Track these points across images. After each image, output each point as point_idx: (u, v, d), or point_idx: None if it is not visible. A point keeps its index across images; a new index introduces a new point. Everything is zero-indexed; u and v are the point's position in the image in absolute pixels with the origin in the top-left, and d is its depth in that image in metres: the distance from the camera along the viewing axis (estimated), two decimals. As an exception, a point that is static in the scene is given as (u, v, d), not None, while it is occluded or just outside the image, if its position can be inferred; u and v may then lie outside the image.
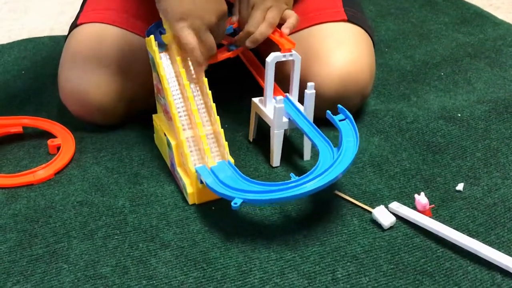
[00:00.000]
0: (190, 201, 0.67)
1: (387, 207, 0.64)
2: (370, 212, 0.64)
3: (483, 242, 0.57)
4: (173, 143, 0.68)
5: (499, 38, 1.09)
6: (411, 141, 0.77)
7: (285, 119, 0.70)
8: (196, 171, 0.63)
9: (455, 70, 0.97)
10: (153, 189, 0.70)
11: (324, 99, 0.75)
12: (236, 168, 0.64)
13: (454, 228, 0.59)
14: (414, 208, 0.63)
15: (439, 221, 0.60)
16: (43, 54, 1.10)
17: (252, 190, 0.59)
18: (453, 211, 0.63)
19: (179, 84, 0.67)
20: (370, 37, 0.82)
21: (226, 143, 0.66)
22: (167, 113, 0.68)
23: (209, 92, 0.67)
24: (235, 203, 0.57)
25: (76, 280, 0.57)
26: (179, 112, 0.66)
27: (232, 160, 0.66)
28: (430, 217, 0.61)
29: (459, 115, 0.81)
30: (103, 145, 0.79)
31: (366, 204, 0.65)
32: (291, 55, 0.69)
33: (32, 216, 0.66)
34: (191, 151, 0.65)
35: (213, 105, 0.67)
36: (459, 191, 0.66)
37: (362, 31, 0.80)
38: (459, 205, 0.64)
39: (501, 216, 0.62)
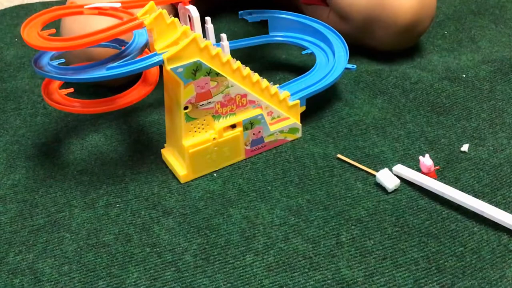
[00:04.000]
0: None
1: (391, 170, 0.63)
2: (374, 176, 0.63)
3: (489, 203, 0.56)
4: (261, 112, 0.66)
5: (503, -6, 1.07)
6: (415, 102, 0.75)
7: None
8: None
9: (459, 28, 0.95)
10: (153, 157, 0.69)
11: (400, 27, 0.78)
12: None
13: (460, 190, 0.58)
14: (419, 170, 0.62)
15: (444, 183, 0.60)
16: (36, 21, 1.08)
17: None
18: (458, 172, 0.62)
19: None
20: None
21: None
22: (229, 102, 0.64)
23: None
24: None
25: (79, 249, 0.56)
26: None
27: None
28: (435, 178, 0.61)
29: (464, 75, 0.79)
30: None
31: (370, 168, 0.64)
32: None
33: (32, 186, 0.65)
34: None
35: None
36: (464, 152, 0.65)
37: None
38: (464, 166, 0.63)
39: (507, 177, 0.61)
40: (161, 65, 0.58)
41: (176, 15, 0.73)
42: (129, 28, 0.57)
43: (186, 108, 0.61)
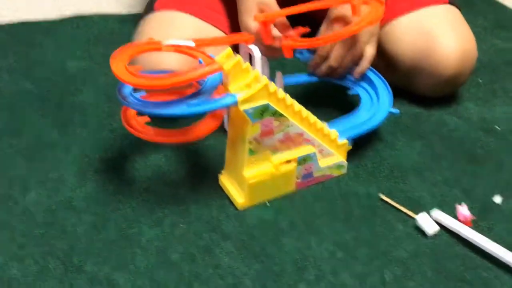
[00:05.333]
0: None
1: (429, 214, 0.69)
2: (413, 218, 0.69)
3: (519, 256, 0.63)
4: (314, 150, 0.73)
5: (536, 46, 1.13)
6: (452, 149, 0.82)
7: None
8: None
9: (493, 78, 1.01)
10: (211, 181, 0.75)
11: (444, 77, 0.85)
12: None
13: (493, 240, 0.65)
14: (455, 217, 0.69)
15: (478, 232, 0.66)
16: (94, 33, 1.15)
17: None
18: (491, 223, 0.69)
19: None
20: None
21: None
22: (287, 140, 0.71)
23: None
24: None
25: (150, 265, 0.63)
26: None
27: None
28: (470, 227, 0.67)
29: (498, 128, 0.85)
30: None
31: (410, 210, 0.71)
32: None
33: (103, 200, 0.72)
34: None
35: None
36: (496, 203, 0.72)
37: (459, 12, 0.90)
38: (497, 217, 0.70)
39: (536, 233, 0.67)
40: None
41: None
42: (212, 71, 0.63)
43: (250, 143, 0.68)
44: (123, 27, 1.18)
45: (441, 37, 0.84)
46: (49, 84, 0.97)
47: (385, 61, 0.90)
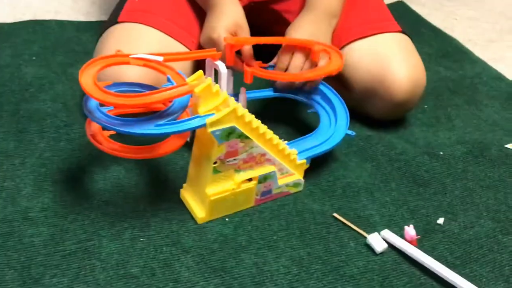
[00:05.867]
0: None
1: (379, 233, 0.74)
2: (365, 237, 0.73)
3: (459, 274, 0.68)
4: (274, 169, 0.76)
5: (475, 76, 1.21)
6: (399, 172, 0.87)
7: None
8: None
9: (437, 104, 1.08)
10: (171, 195, 0.77)
11: (395, 102, 0.90)
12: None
13: (435, 259, 0.70)
14: (402, 236, 0.73)
15: (423, 251, 0.71)
16: (52, 40, 1.13)
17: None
18: (434, 243, 0.74)
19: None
20: None
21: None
22: (250, 160, 0.73)
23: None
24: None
25: (109, 278, 0.64)
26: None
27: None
28: (415, 246, 0.72)
29: (441, 153, 0.92)
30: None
31: (361, 228, 0.75)
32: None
33: (61, 211, 0.72)
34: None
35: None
36: (439, 224, 0.77)
37: (411, 41, 0.97)
38: (439, 238, 0.75)
39: (475, 252, 0.73)
40: None
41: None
42: (184, 92, 0.65)
43: (215, 163, 0.70)
44: (81, 35, 1.18)
45: (394, 64, 0.90)
46: (4, 90, 0.95)
47: (341, 82, 0.94)
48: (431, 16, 1.52)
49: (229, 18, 0.84)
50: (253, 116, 0.70)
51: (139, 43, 0.84)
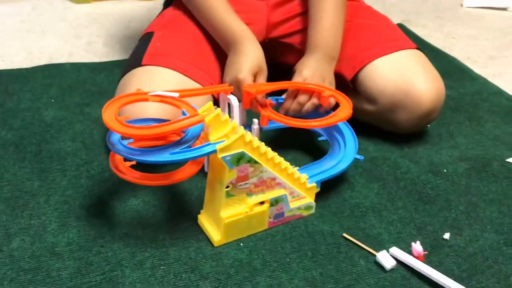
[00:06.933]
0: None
1: (387, 251, 0.77)
2: (374, 255, 0.77)
3: (466, 287, 0.71)
4: (285, 192, 0.80)
5: (476, 92, 1.25)
6: (405, 190, 0.90)
7: None
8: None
9: (439, 122, 1.11)
10: (188, 224, 0.81)
11: (421, 112, 0.96)
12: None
13: (443, 273, 0.73)
14: (410, 253, 0.77)
15: (430, 266, 0.74)
16: (68, 82, 1.20)
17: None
18: (441, 258, 0.77)
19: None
20: None
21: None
22: (261, 183, 0.77)
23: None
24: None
25: (133, 306, 0.68)
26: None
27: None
28: (423, 262, 0.75)
29: (445, 170, 0.95)
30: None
31: (370, 247, 0.78)
32: None
33: (85, 245, 0.76)
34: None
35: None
36: (446, 239, 0.80)
37: (425, 56, 1.05)
38: (446, 252, 0.78)
39: (480, 265, 0.76)
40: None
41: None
42: (193, 122, 0.70)
43: (227, 187, 0.74)
44: (96, 76, 1.24)
45: (418, 77, 0.96)
46: (26, 132, 1.01)
47: (366, 97, 1.00)
48: (431, 37, 1.57)
49: (252, 59, 0.91)
50: (261, 142, 0.75)
51: (160, 84, 0.90)
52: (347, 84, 1.02)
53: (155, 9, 1.61)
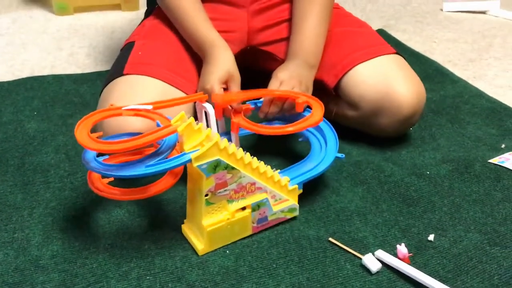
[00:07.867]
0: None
1: (373, 254, 0.77)
2: (360, 258, 0.77)
3: (452, 287, 0.71)
4: (267, 196, 0.80)
5: (457, 95, 1.26)
6: (389, 193, 0.91)
7: None
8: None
9: (421, 125, 1.13)
10: (173, 233, 0.80)
11: (402, 115, 0.96)
12: None
13: (428, 274, 0.73)
14: (395, 255, 0.77)
15: (416, 268, 0.74)
16: (50, 94, 1.19)
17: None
18: (426, 259, 0.78)
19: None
20: None
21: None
22: (241, 189, 0.77)
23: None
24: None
25: (119, 317, 0.67)
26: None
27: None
28: (408, 264, 0.75)
29: (428, 172, 0.96)
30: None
31: (355, 250, 0.79)
32: None
33: (70, 257, 0.75)
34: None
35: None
36: (430, 241, 0.81)
37: (405, 60, 1.06)
38: (431, 254, 0.78)
39: (465, 265, 0.76)
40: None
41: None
42: (167, 133, 0.70)
43: (206, 195, 0.74)
44: (78, 87, 1.24)
45: (399, 82, 0.97)
46: (8, 145, 1.00)
47: (348, 102, 1.01)
48: (411, 41, 1.59)
49: (222, 68, 0.92)
50: (239, 148, 0.75)
51: (143, 93, 0.90)
52: (330, 91, 1.03)
53: (138, 19, 1.62)
